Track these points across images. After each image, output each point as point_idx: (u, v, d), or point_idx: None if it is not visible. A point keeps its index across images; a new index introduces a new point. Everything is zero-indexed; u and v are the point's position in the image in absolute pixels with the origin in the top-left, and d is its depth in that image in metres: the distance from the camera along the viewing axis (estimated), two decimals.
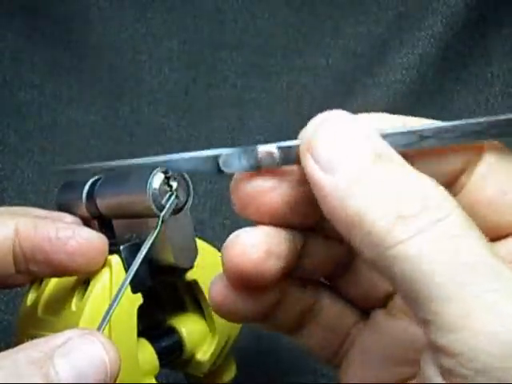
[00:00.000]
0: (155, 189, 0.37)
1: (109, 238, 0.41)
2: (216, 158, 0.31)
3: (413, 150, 0.31)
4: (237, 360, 0.47)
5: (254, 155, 0.31)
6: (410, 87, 0.63)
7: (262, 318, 0.35)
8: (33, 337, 0.30)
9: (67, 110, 0.66)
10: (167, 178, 0.37)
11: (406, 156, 0.30)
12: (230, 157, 0.31)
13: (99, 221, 0.42)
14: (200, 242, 0.40)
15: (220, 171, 0.31)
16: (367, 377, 0.35)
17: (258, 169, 0.31)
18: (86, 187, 0.42)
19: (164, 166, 0.34)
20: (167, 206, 0.37)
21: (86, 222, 0.43)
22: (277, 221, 0.32)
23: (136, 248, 0.37)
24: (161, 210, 0.37)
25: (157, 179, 0.37)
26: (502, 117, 0.31)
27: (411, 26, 0.65)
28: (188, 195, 0.38)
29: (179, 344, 0.43)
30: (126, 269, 0.38)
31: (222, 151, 0.31)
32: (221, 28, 0.68)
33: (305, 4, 0.68)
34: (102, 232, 0.42)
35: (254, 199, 0.32)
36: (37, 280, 0.42)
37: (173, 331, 0.43)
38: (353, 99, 0.64)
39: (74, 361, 0.29)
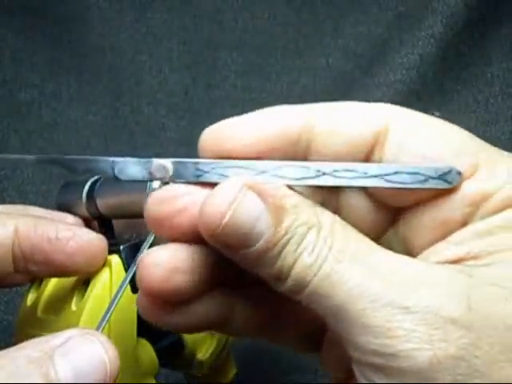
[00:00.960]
0: (155, 189, 0.37)
1: (109, 238, 0.41)
2: (113, 164, 0.33)
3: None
4: (236, 360, 0.47)
5: (148, 167, 0.32)
6: (410, 87, 0.63)
7: (211, 327, 0.35)
8: (32, 337, 0.30)
9: (67, 109, 0.66)
10: None
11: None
12: (125, 165, 0.33)
13: (99, 221, 0.42)
14: None
15: (116, 178, 0.33)
16: (338, 357, 0.35)
17: (150, 180, 0.33)
18: (86, 187, 0.42)
19: (67, 165, 0.34)
20: None
21: (86, 223, 0.43)
22: (194, 239, 0.32)
23: (136, 248, 0.37)
24: None
25: None
26: (407, 167, 0.31)
27: (411, 26, 0.65)
28: None
29: (179, 344, 0.43)
30: (126, 269, 0.38)
31: (119, 159, 0.33)
32: (220, 28, 0.68)
33: (305, 4, 0.68)
34: (102, 232, 0.42)
35: (166, 220, 0.32)
36: (37, 280, 0.42)
37: (173, 331, 0.43)
38: (353, 99, 0.64)
39: (74, 361, 0.29)
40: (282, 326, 0.36)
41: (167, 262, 0.32)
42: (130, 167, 0.33)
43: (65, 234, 0.37)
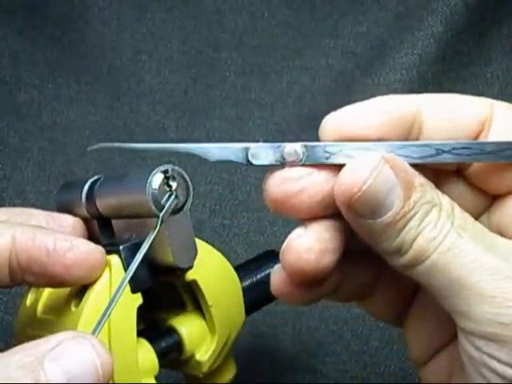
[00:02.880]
0: (155, 189, 0.37)
1: (108, 237, 0.41)
2: (246, 150, 0.34)
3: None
4: (236, 360, 0.47)
5: (280, 151, 0.34)
6: (409, 87, 0.63)
7: (326, 296, 0.37)
8: (32, 337, 0.30)
9: (67, 110, 0.66)
10: (167, 178, 0.37)
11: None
12: (258, 150, 0.34)
13: (99, 221, 0.42)
14: (199, 242, 0.40)
15: (249, 163, 0.34)
16: (428, 331, 0.38)
17: (282, 164, 0.34)
18: (86, 187, 0.42)
19: (199, 153, 0.35)
20: (167, 205, 0.37)
21: (86, 222, 0.43)
22: (310, 217, 0.34)
23: (136, 248, 0.37)
24: (160, 210, 0.37)
25: (156, 179, 0.37)
26: None
27: (411, 26, 0.65)
28: (188, 195, 0.38)
29: (179, 344, 0.43)
30: (126, 269, 0.38)
31: (252, 145, 0.34)
32: (220, 28, 0.68)
33: (304, 4, 0.68)
34: (102, 232, 0.42)
35: (286, 200, 0.34)
36: None
37: (172, 331, 0.43)
38: (352, 99, 0.64)
39: (65, 365, 0.29)
40: (377, 293, 0.38)
41: (318, 246, 0.34)
42: (263, 152, 0.34)
43: (62, 244, 0.36)
